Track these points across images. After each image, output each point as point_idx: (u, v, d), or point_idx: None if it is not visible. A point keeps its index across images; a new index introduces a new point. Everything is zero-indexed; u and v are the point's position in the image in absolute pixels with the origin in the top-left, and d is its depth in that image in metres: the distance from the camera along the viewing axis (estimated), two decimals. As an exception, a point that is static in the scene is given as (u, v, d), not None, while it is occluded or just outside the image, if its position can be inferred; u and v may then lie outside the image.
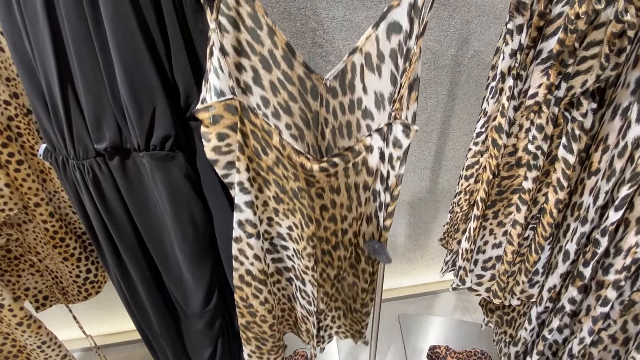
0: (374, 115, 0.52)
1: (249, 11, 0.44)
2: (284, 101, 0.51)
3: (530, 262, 0.63)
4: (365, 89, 0.50)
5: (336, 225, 0.56)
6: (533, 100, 0.52)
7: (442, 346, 1.39)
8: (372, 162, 0.50)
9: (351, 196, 0.54)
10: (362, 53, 0.49)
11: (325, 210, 0.54)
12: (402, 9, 0.44)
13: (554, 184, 0.56)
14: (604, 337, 0.61)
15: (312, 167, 0.47)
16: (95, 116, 0.49)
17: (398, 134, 0.45)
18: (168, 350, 0.74)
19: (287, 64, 0.49)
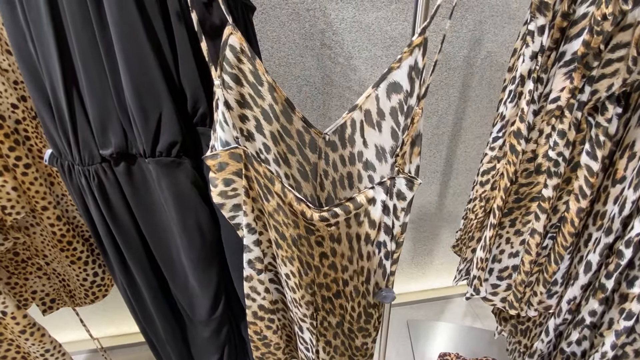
0: (376, 166, 0.53)
1: (250, 68, 0.45)
2: (283, 152, 0.53)
3: (549, 273, 0.60)
4: (366, 142, 0.52)
5: (336, 274, 0.57)
6: (555, 104, 0.50)
7: (452, 353, 1.36)
8: (374, 215, 0.51)
9: (352, 247, 0.55)
10: (361, 110, 0.50)
11: (325, 258, 0.55)
12: (402, 71, 0.45)
13: (576, 192, 0.54)
14: (629, 351, 0.58)
15: (313, 215, 0.48)
16: (100, 121, 0.48)
17: (402, 187, 0.48)
18: (174, 356, 0.72)
19: (286, 118, 0.51)
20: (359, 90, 1.13)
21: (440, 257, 1.55)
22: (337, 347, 0.65)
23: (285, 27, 1.00)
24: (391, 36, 1.06)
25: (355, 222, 0.52)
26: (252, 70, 0.45)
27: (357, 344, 0.64)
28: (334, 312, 0.61)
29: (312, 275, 0.56)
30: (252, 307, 0.59)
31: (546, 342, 0.64)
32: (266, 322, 0.61)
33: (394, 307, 1.58)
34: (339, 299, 0.60)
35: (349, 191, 0.58)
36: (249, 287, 0.57)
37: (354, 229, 0.53)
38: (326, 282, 0.58)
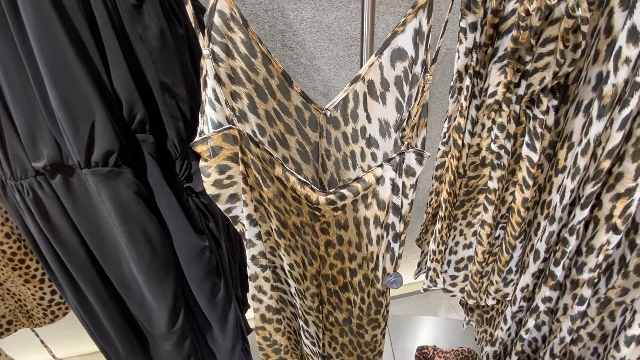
0: (379, 143, 0.50)
1: (242, 38, 0.40)
2: (280, 133, 0.48)
3: (502, 262, 0.62)
4: (369, 117, 0.48)
5: (343, 264, 0.52)
6: (493, 98, 0.51)
7: (429, 346, 1.38)
8: (383, 195, 0.47)
9: (361, 232, 0.50)
10: (364, 81, 0.46)
11: (331, 247, 0.51)
12: (406, 35, 0.41)
13: (520, 182, 0.55)
14: (583, 335, 0.60)
15: (319, 199, 0.44)
16: (29, 132, 0.45)
17: (412, 162, 0.44)
18: (136, 373, 0.70)
19: (283, 94, 0.46)
20: (323, 90, 1.13)
21: (414, 252, 1.58)
22: (344, 345, 0.62)
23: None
24: (352, 36, 1.07)
25: (363, 204, 0.48)
26: (244, 39, 0.41)
27: (366, 339, 0.60)
28: (340, 307, 0.57)
29: (317, 266, 0.52)
30: (260, 310, 0.52)
31: (505, 330, 0.66)
32: (275, 325, 0.55)
33: (373, 304, 1.58)
34: (346, 292, 0.55)
35: (353, 171, 0.54)
36: (254, 287, 0.50)
37: (361, 212, 0.49)
38: (332, 274, 0.54)
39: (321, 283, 0.54)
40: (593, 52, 0.47)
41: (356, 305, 0.56)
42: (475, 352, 1.34)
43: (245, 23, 0.40)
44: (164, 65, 0.47)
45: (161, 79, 0.47)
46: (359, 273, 0.53)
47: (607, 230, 0.49)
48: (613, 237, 0.49)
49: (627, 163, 0.44)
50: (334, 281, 0.54)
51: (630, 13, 0.40)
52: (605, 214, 0.49)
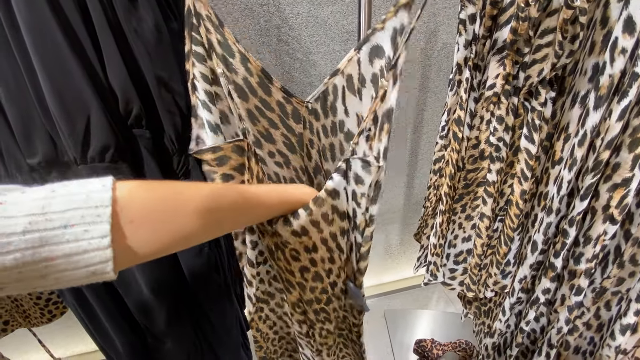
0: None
1: (218, 39, 0.41)
2: (264, 129, 0.49)
3: (501, 254, 0.62)
4: (347, 111, 0.48)
5: (323, 283, 0.51)
6: (491, 91, 0.51)
7: (427, 339, 1.39)
8: (341, 206, 0.45)
9: (330, 247, 0.49)
10: (343, 75, 0.46)
11: (306, 271, 0.49)
12: (385, 34, 0.41)
13: (518, 175, 0.55)
14: (579, 324, 0.61)
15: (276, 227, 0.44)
16: (23, 128, 0.44)
17: (358, 170, 0.41)
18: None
19: (264, 91, 0.47)
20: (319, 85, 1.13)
21: (412, 247, 1.58)
22: (339, 344, 0.62)
23: (240, 23, 0.97)
24: (348, 30, 1.06)
25: (326, 223, 0.46)
26: (221, 40, 0.41)
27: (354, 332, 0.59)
28: (329, 318, 0.56)
29: (297, 294, 0.51)
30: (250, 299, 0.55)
31: (504, 322, 0.67)
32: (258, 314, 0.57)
33: (371, 299, 1.59)
34: (330, 304, 0.54)
35: (331, 163, 0.54)
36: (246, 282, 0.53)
37: (326, 231, 0.47)
38: (315, 296, 0.52)
39: (306, 309, 0.54)
40: (589, 43, 0.47)
41: (341, 309, 0.57)
42: (472, 344, 1.35)
43: (220, 24, 0.41)
44: (159, 59, 0.46)
45: (157, 73, 0.46)
46: (339, 282, 0.53)
47: (604, 220, 0.50)
48: (610, 227, 0.49)
49: (623, 153, 0.45)
50: (318, 301, 0.53)
51: (626, 4, 0.40)
52: (602, 204, 0.49)
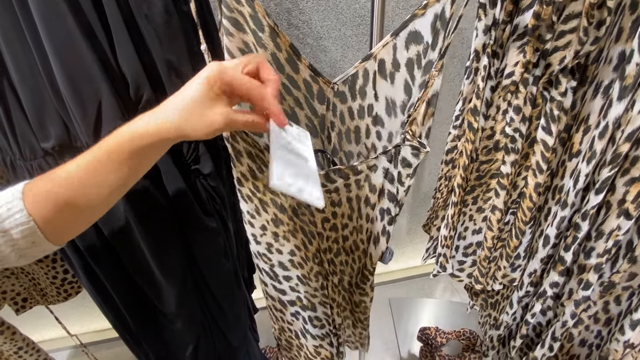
0: (385, 121, 0.49)
1: (249, 12, 0.40)
2: (290, 108, 0.49)
3: (511, 247, 0.62)
4: (377, 95, 0.48)
5: (337, 233, 0.55)
6: (510, 79, 0.49)
7: (432, 327, 1.41)
8: (375, 180, 0.47)
9: (352, 207, 0.52)
10: (375, 60, 0.46)
11: (327, 222, 0.53)
12: (426, 19, 0.40)
13: (533, 167, 0.54)
14: (584, 317, 0.60)
15: None
16: (36, 112, 0.45)
17: (407, 155, 0.42)
18: (148, 349, 0.72)
19: (292, 67, 0.46)
20: (330, 72, 1.11)
21: (419, 236, 1.58)
22: (339, 304, 0.65)
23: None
24: (360, 14, 1.03)
25: (356, 186, 0.49)
26: (252, 13, 0.40)
27: (355, 299, 0.63)
28: (335, 271, 0.60)
29: (317, 244, 0.54)
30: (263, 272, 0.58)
31: (511, 314, 0.66)
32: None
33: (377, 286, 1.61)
34: (339, 256, 0.58)
35: (355, 145, 0.55)
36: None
37: (354, 192, 0.50)
38: (329, 245, 0.57)
39: (322, 258, 0.56)
40: (616, 29, 0.45)
41: (348, 264, 0.59)
42: (476, 334, 1.36)
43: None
44: (169, 43, 0.46)
45: (167, 57, 0.46)
46: (350, 239, 0.56)
47: (618, 215, 0.48)
48: (624, 222, 0.48)
49: (646, 147, 0.43)
50: (329, 250, 0.57)
51: (660, -13, 0.38)
52: (617, 198, 0.48)
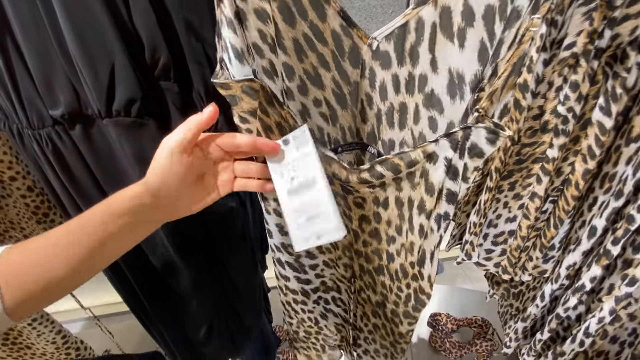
0: (444, 105, 0.36)
1: None
2: (312, 68, 0.39)
3: (548, 237, 0.58)
4: (435, 62, 0.35)
5: (380, 244, 0.46)
6: (570, 51, 0.43)
7: (442, 313, 1.39)
8: (433, 177, 0.37)
9: (402, 215, 0.42)
10: (436, 6, 0.33)
11: (366, 222, 0.44)
12: None
13: (584, 151, 0.49)
14: (623, 315, 0.56)
15: (349, 177, 0.39)
16: (44, 76, 0.41)
17: (480, 141, 0.31)
18: (162, 328, 0.71)
19: (317, 13, 0.35)
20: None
21: (434, 222, 1.54)
22: (377, 326, 0.58)
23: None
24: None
25: (409, 183, 0.39)
26: None
27: (401, 330, 0.54)
28: (374, 288, 0.51)
29: (350, 239, 0.48)
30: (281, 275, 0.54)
31: (541, 307, 0.63)
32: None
33: (387, 271, 1.59)
34: (380, 275, 0.49)
35: (398, 131, 0.42)
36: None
37: (405, 192, 0.40)
38: (366, 252, 0.48)
39: (353, 257, 0.50)
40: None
41: (392, 292, 0.51)
42: (488, 322, 1.34)
43: None
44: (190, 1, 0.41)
45: (186, 17, 0.41)
46: (397, 260, 0.46)
47: (679, 207, 0.44)
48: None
49: None
50: (367, 259, 0.49)
51: None
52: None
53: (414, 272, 0.46)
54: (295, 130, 0.38)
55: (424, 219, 0.41)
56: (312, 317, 0.63)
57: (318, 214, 0.37)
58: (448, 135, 0.34)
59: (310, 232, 0.38)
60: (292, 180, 0.38)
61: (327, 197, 0.37)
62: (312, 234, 0.38)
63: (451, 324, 1.38)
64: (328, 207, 0.37)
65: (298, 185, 0.38)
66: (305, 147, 0.37)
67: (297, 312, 0.62)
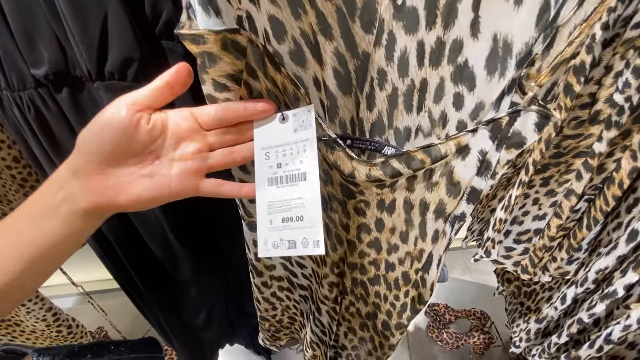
0: (477, 80, 0.30)
1: None
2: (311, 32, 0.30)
3: (578, 239, 0.53)
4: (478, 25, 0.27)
5: (379, 254, 0.40)
6: (638, 31, 0.38)
7: (441, 304, 1.38)
8: (460, 174, 0.31)
9: (411, 220, 0.36)
10: None
11: (366, 232, 0.39)
12: None
13: (634, 147, 0.44)
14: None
15: (355, 171, 0.32)
16: (24, 29, 0.34)
17: (526, 127, 0.26)
18: (158, 312, 0.67)
19: None
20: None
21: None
22: (363, 340, 0.53)
23: None
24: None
25: (424, 182, 0.33)
26: None
27: (392, 341, 0.50)
28: (366, 299, 0.46)
29: (342, 253, 0.42)
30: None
31: (560, 310, 0.60)
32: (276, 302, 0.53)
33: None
34: (376, 285, 0.44)
35: (415, 116, 0.34)
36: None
37: (418, 193, 0.34)
38: (361, 263, 0.43)
39: (344, 272, 0.45)
40: None
41: (387, 301, 0.46)
42: (487, 314, 1.33)
43: None
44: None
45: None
46: (398, 269, 0.41)
47: None
48: None
49: None
50: (362, 271, 0.44)
51: None
52: None
53: (416, 279, 0.41)
54: (299, 108, 0.31)
55: (440, 223, 0.35)
56: (298, 308, 0.59)
57: (298, 217, 0.31)
58: (490, 123, 0.28)
59: (282, 238, 0.31)
60: (278, 168, 0.31)
61: (315, 199, 0.30)
62: (283, 241, 0.31)
63: (449, 314, 1.37)
64: (313, 212, 0.30)
65: (283, 176, 0.31)
66: (306, 131, 0.30)
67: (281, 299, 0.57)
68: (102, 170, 0.27)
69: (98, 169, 0.27)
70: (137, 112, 0.27)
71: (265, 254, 0.32)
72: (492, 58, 0.29)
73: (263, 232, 0.32)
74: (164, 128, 0.28)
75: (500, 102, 0.30)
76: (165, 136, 0.29)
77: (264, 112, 0.30)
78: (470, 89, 0.31)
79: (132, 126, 0.26)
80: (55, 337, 0.78)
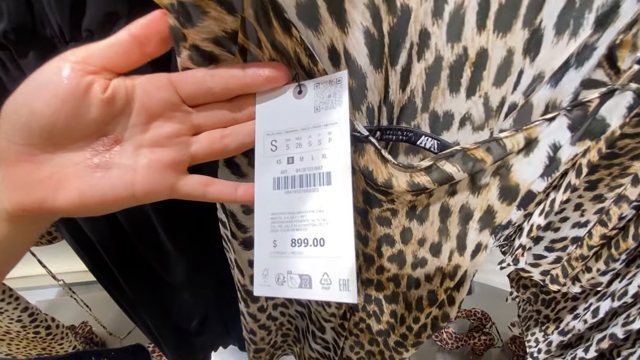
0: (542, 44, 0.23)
1: None
2: None
3: (620, 249, 0.48)
4: None
5: (401, 269, 0.34)
6: None
7: (441, 303, 1.35)
8: (520, 174, 0.25)
9: (446, 229, 0.30)
10: None
11: (389, 244, 0.32)
12: None
13: None
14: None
15: (393, 180, 0.25)
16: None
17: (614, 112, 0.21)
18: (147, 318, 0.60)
19: None
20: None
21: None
22: (372, 353, 0.48)
23: None
24: None
25: (469, 184, 0.27)
26: None
27: (404, 356, 0.45)
28: (379, 318, 0.40)
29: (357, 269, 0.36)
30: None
31: (589, 323, 0.55)
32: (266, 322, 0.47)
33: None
34: (393, 303, 0.38)
35: (464, 99, 0.27)
36: None
37: (460, 198, 0.28)
38: (379, 279, 0.36)
39: (359, 289, 0.38)
40: None
41: (404, 324, 0.40)
42: (488, 315, 1.30)
43: None
44: None
45: None
46: (424, 287, 0.34)
47: None
48: None
49: None
50: (379, 288, 0.37)
51: None
52: None
53: (443, 298, 0.35)
54: (324, 76, 0.21)
55: (486, 235, 0.28)
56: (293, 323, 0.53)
57: (317, 239, 0.21)
58: (571, 110, 0.22)
59: (291, 270, 0.21)
60: (289, 164, 0.22)
61: (345, 214, 0.21)
62: (292, 275, 0.21)
63: (450, 314, 1.34)
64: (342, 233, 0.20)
65: (296, 175, 0.22)
66: (334, 111, 0.21)
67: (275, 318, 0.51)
68: (32, 156, 0.19)
69: (26, 154, 0.18)
70: (88, 75, 0.19)
71: (263, 292, 0.22)
72: (566, 13, 0.22)
73: (262, 257, 0.22)
74: (129, 100, 0.20)
75: (562, 76, 0.23)
76: (130, 112, 0.20)
77: (272, 81, 0.21)
78: (533, 57, 0.24)
79: (78, 93, 0.18)
80: (33, 339, 0.71)
